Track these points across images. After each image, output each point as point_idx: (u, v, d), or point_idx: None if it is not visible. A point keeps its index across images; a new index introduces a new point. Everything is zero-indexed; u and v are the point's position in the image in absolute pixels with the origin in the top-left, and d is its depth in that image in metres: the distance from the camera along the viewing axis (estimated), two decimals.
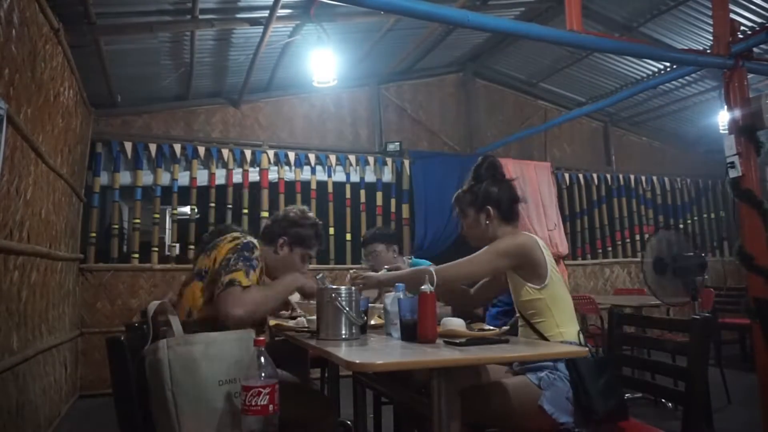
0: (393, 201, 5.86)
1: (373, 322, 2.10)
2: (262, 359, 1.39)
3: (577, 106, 6.70)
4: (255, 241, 1.84)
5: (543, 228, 5.80)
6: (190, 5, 3.71)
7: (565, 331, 1.73)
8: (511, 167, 6.08)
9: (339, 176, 5.70)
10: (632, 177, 6.99)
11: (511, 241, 1.82)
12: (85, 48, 3.78)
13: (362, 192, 5.75)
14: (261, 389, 1.35)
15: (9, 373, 2.50)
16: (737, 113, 3.33)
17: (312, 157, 5.58)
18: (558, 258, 5.68)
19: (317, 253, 2.15)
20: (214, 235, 2.49)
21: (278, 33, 4.40)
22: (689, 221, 7.28)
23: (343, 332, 1.71)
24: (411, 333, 1.67)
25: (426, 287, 1.65)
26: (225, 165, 5.27)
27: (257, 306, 1.70)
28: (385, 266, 2.88)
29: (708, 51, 3.81)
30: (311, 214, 2.11)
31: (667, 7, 4.76)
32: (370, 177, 5.83)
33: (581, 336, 1.74)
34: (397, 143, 5.88)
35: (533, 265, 1.77)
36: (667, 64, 5.42)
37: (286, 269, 1.98)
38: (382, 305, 2.03)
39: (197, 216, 5.16)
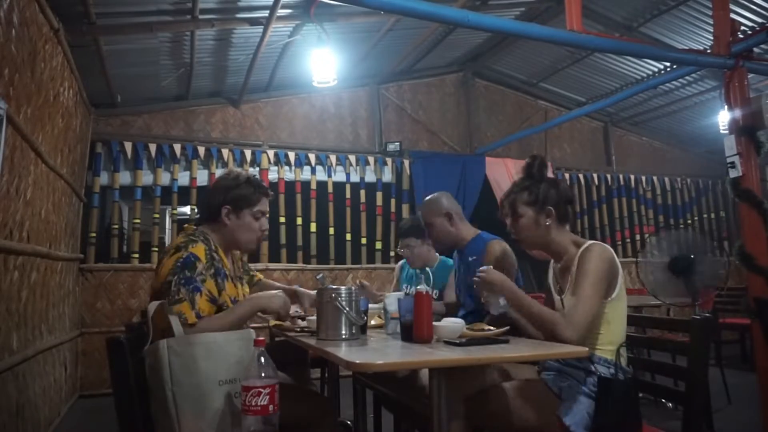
0: (393, 201, 5.86)
1: (373, 323, 2.10)
2: (262, 359, 1.39)
3: (577, 106, 6.70)
4: (198, 249, 1.75)
5: None
6: (190, 5, 3.71)
7: (612, 348, 1.66)
8: (511, 167, 6.08)
9: (339, 176, 5.70)
10: (632, 177, 6.99)
11: (604, 258, 1.67)
12: (85, 48, 3.78)
13: (362, 192, 5.75)
14: (261, 389, 1.35)
15: (9, 373, 2.50)
16: (737, 113, 3.32)
17: (312, 157, 5.58)
18: None
19: (269, 204, 1.99)
20: None
21: (278, 33, 4.40)
22: (689, 221, 7.28)
23: (343, 332, 1.71)
24: (411, 333, 1.68)
25: (422, 287, 1.65)
26: (225, 165, 5.26)
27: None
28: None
29: (708, 51, 3.81)
30: (240, 171, 2.03)
31: (667, 7, 4.76)
32: (370, 177, 5.83)
33: (621, 350, 1.66)
34: (397, 143, 5.88)
35: (611, 282, 1.68)
36: (667, 64, 5.42)
37: (244, 235, 1.90)
38: (382, 305, 2.03)
39: (197, 216, 5.16)
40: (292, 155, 5.49)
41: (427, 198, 2.59)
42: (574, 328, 1.58)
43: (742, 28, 3.54)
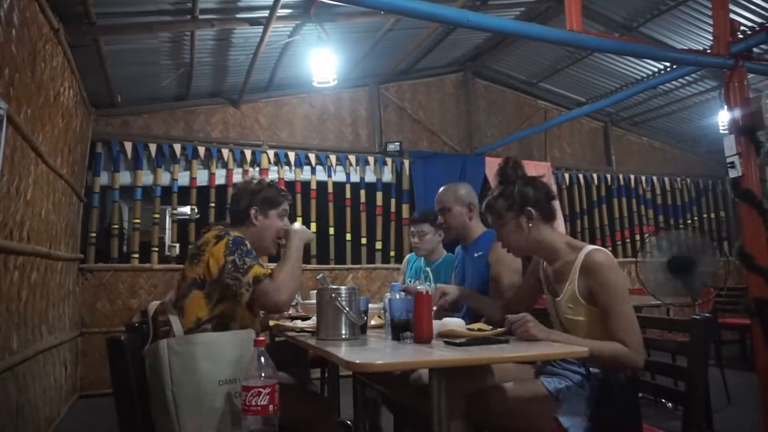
0: (393, 201, 5.87)
1: (373, 322, 2.10)
2: (262, 359, 1.39)
3: (577, 106, 6.70)
4: (236, 233, 1.83)
5: None
6: (190, 5, 3.71)
7: None
8: None
9: (339, 176, 5.71)
10: (632, 177, 6.99)
11: (617, 272, 1.62)
12: (85, 48, 3.78)
13: (362, 192, 5.76)
14: (261, 389, 1.35)
15: (9, 373, 2.50)
16: (737, 113, 3.32)
17: (312, 157, 5.59)
18: None
19: (289, 206, 2.14)
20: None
21: (278, 33, 4.40)
22: (689, 221, 7.28)
23: (343, 332, 1.71)
24: (399, 333, 1.68)
25: (422, 287, 1.64)
26: (225, 165, 5.27)
27: (292, 282, 1.77)
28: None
29: (708, 51, 3.80)
30: (261, 177, 2.12)
31: (667, 7, 4.76)
32: (370, 177, 5.83)
33: None
34: (397, 143, 5.89)
35: None
36: (667, 64, 5.42)
37: (269, 235, 2.01)
38: (382, 305, 2.03)
39: (197, 216, 5.16)
40: (292, 155, 5.49)
41: (447, 185, 2.54)
42: (641, 352, 1.54)
43: (742, 28, 3.54)
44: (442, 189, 2.54)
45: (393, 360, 1.48)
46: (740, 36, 3.42)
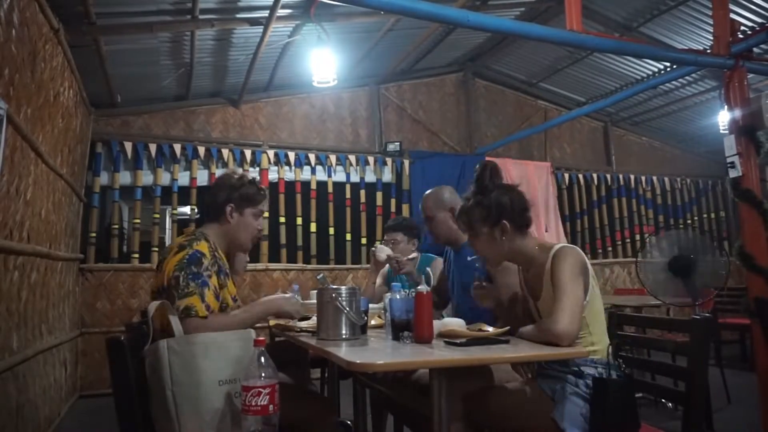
0: (393, 201, 5.87)
1: (373, 322, 2.10)
2: (262, 359, 1.39)
3: (577, 106, 6.70)
4: (201, 246, 1.78)
5: (540, 229, 5.81)
6: (190, 5, 3.70)
7: (598, 348, 1.65)
8: (511, 167, 6.09)
9: (339, 176, 5.71)
10: (632, 177, 6.99)
11: (577, 258, 1.64)
12: (85, 48, 3.78)
13: (362, 192, 5.75)
14: (261, 389, 1.35)
15: (9, 373, 2.50)
16: (737, 113, 3.32)
17: (312, 157, 5.59)
18: None
19: (266, 207, 2.05)
20: None
21: (278, 33, 4.40)
22: (689, 221, 7.28)
23: (344, 332, 1.71)
24: (399, 333, 1.68)
25: (422, 287, 1.65)
26: (225, 165, 5.26)
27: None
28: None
29: (708, 51, 3.80)
30: (242, 171, 2.04)
31: (667, 7, 4.76)
32: (370, 177, 5.83)
33: (610, 350, 1.64)
34: (397, 143, 5.89)
35: (585, 282, 1.64)
36: (667, 64, 5.42)
37: (245, 233, 1.95)
38: (382, 305, 2.03)
39: (197, 216, 5.16)
40: (292, 155, 5.49)
41: (430, 191, 2.52)
42: (565, 320, 1.52)
43: (742, 28, 3.54)
44: (425, 196, 2.51)
45: (393, 360, 1.48)
46: (740, 36, 3.42)
